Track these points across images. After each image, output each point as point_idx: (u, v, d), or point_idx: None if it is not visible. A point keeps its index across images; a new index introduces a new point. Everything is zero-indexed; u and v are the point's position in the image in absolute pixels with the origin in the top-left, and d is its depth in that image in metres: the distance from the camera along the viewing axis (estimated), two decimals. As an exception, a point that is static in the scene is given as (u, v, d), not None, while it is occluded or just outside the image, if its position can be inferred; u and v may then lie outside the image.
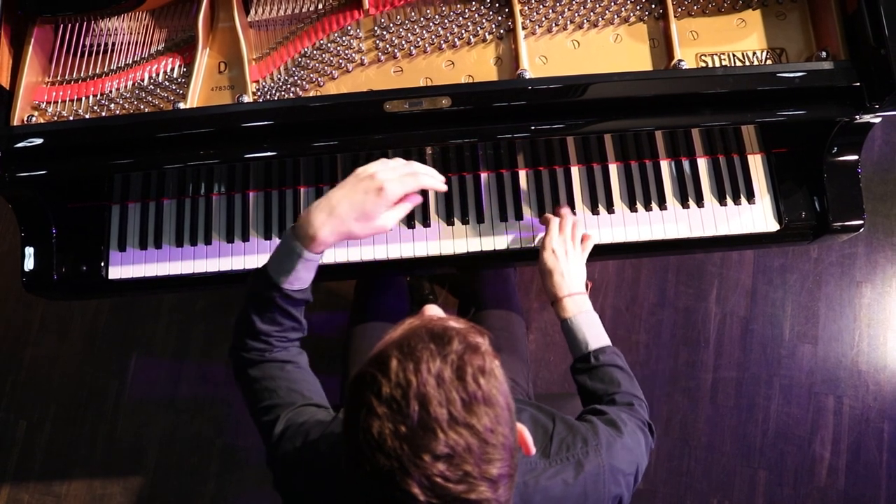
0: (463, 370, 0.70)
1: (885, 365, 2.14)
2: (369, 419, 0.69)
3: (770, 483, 2.06)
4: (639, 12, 1.34)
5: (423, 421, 0.68)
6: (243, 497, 2.11)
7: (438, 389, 0.69)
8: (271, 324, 1.06)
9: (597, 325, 1.23)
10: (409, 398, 0.69)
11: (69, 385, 2.22)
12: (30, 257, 1.36)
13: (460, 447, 0.68)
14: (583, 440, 0.97)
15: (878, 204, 2.25)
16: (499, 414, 0.71)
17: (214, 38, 1.36)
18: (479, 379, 0.70)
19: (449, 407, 0.68)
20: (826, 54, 1.27)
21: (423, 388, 0.69)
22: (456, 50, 1.34)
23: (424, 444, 0.68)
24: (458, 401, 0.69)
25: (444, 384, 0.69)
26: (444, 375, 0.69)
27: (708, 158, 1.40)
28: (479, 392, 0.70)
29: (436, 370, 0.69)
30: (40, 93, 1.33)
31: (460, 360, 0.71)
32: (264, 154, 1.24)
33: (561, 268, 1.25)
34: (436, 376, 0.69)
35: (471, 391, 0.69)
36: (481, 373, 0.71)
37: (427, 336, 0.72)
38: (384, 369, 0.71)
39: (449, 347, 0.71)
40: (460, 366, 0.70)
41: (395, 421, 0.68)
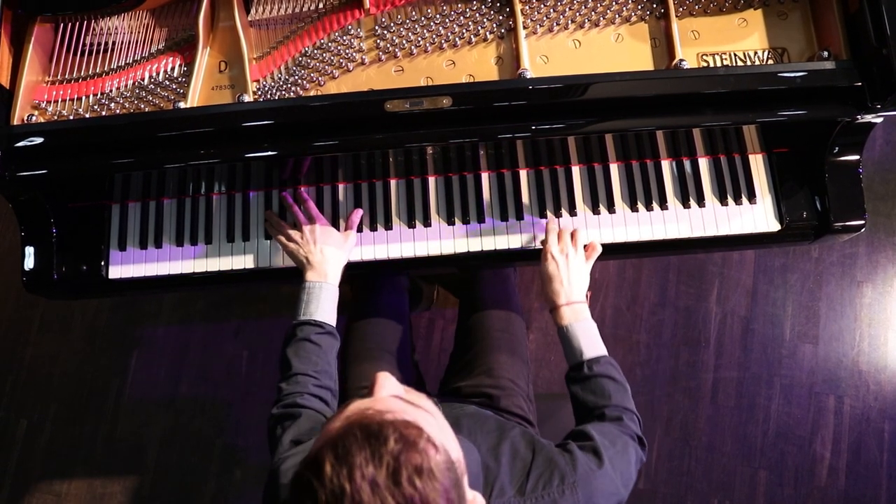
0: (398, 473, 0.67)
1: (885, 365, 2.14)
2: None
3: (770, 483, 2.06)
4: (640, 12, 1.34)
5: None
6: (243, 497, 2.11)
7: (373, 496, 0.66)
8: (306, 363, 1.17)
9: (593, 334, 1.22)
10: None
11: (69, 384, 2.22)
12: (30, 257, 1.36)
13: None
14: (560, 477, 0.96)
15: (880, 204, 2.24)
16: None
17: (215, 38, 1.35)
18: (416, 481, 0.67)
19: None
20: (828, 54, 1.26)
21: (358, 496, 0.66)
22: (457, 49, 1.33)
23: None
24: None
25: (378, 490, 0.66)
26: (379, 481, 0.66)
27: (709, 158, 1.40)
28: (415, 496, 0.67)
29: (370, 476, 0.66)
30: (40, 92, 1.33)
31: (395, 462, 0.67)
32: (265, 154, 1.24)
33: (561, 275, 1.25)
34: (370, 482, 0.66)
35: (407, 495, 0.66)
36: (418, 474, 0.67)
37: (361, 435, 0.69)
38: (319, 474, 0.68)
39: (384, 448, 0.68)
40: (396, 468, 0.67)
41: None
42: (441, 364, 2.08)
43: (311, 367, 1.17)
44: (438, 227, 1.38)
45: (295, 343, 1.20)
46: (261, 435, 2.11)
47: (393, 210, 1.39)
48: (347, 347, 1.47)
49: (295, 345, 1.20)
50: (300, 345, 1.20)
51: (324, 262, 1.27)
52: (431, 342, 2.17)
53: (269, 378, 2.15)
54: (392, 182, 1.40)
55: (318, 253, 1.28)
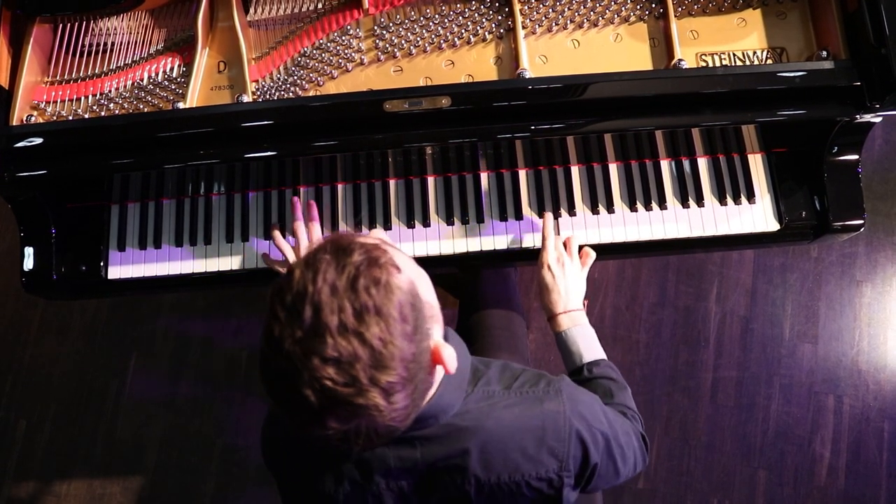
0: (356, 281, 0.73)
1: (885, 364, 2.14)
2: (273, 324, 0.74)
3: (770, 482, 2.06)
4: (639, 12, 1.34)
5: (314, 326, 0.72)
6: (243, 497, 2.11)
7: (331, 297, 0.72)
8: None
9: (591, 338, 1.23)
10: (304, 305, 0.73)
11: (69, 384, 2.22)
12: (29, 257, 1.36)
13: (347, 353, 0.72)
14: (547, 382, 0.99)
15: (879, 203, 2.24)
16: (391, 325, 0.74)
17: (214, 38, 1.35)
18: (371, 289, 0.73)
19: (340, 315, 0.72)
20: (826, 54, 1.27)
21: (318, 297, 0.72)
22: (456, 49, 1.33)
23: (314, 348, 0.72)
24: (350, 309, 0.72)
25: (337, 293, 0.72)
26: (338, 285, 0.73)
27: (708, 158, 1.40)
28: (370, 302, 0.73)
29: (330, 279, 0.73)
30: (39, 92, 1.33)
31: (356, 271, 0.74)
32: (264, 154, 1.24)
33: (559, 286, 1.25)
34: (330, 285, 0.73)
35: (362, 301, 0.73)
36: (375, 284, 0.74)
37: (331, 249, 0.76)
38: (289, 279, 0.75)
39: (347, 259, 0.75)
40: (355, 276, 0.73)
41: (293, 326, 0.73)
42: (440, 364, 2.08)
43: None
44: (437, 228, 1.38)
45: None
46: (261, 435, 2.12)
47: (392, 210, 1.39)
48: None
49: None
50: None
51: None
52: (431, 342, 2.17)
53: (268, 378, 2.15)
54: (391, 182, 1.40)
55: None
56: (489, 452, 0.92)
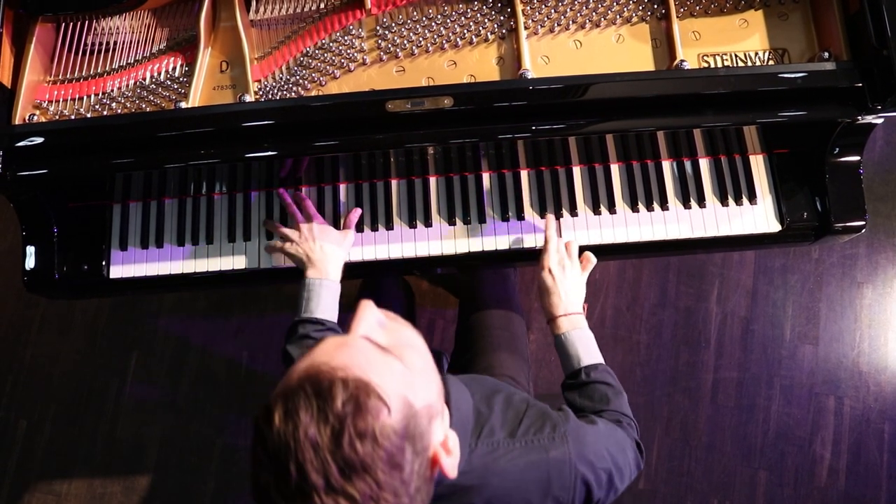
0: (341, 436, 0.67)
1: (885, 366, 2.14)
2: (258, 470, 0.70)
3: (770, 483, 2.06)
4: (641, 12, 1.34)
5: (300, 487, 0.67)
6: (243, 497, 2.11)
7: (315, 456, 0.67)
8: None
9: (590, 342, 1.23)
10: (288, 462, 0.67)
11: (69, 384, 2.22)
12: (31, 256, 1.36)
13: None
14: (552, 426, 0.97)
15: (880, 205, 2.25)
16: (380, 480, 0.68)
17: (216, 38, 1.35)
18: (357, 445, 0.67)
19: (326, 474, 0.67)
20: (828, 55, 1.27)
21: (301, 455, 0.67)
22: (458, 50, 1.34)
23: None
24: (335, 468, 0.67)
25: (320, 451, 0.67)
26: (321, 443, 0.67)
27: (710, 159, 1.40)
28: (355, 459, 0.67)
29: (312, 437, 0.67)
30: (42, 92, 1.33)
31: (340, 424, 0.67)
32: (266, 154, 1.24)
33: (559, 289, 1.25)
34: (312, 444, 0.67)
35: (348, 458, 0.67)
36: (360, 438, 0.68)
37: (311, 391, 0.69)
38: (269, 424, 0.69)
39: (328, 407, 0.68)
40: (339, 431, 0.67)
41: (278, 478, 0.68)
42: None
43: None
44: (439, 227, 1.38)
45: (296, 340, 1.21)
46: (261, 435, 2.12)
47: (394, 210, 1.39)
48: None
49: (297, 342, 1.20)
50: (302, 342, 1.20)
51: (323, 260, 1.28)
52: (432, 342, 2.17)
53: (269, 378, 2.15)
54: (393, 182, 1.40)
55: (317, 250, 1.28)
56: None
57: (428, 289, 2.21)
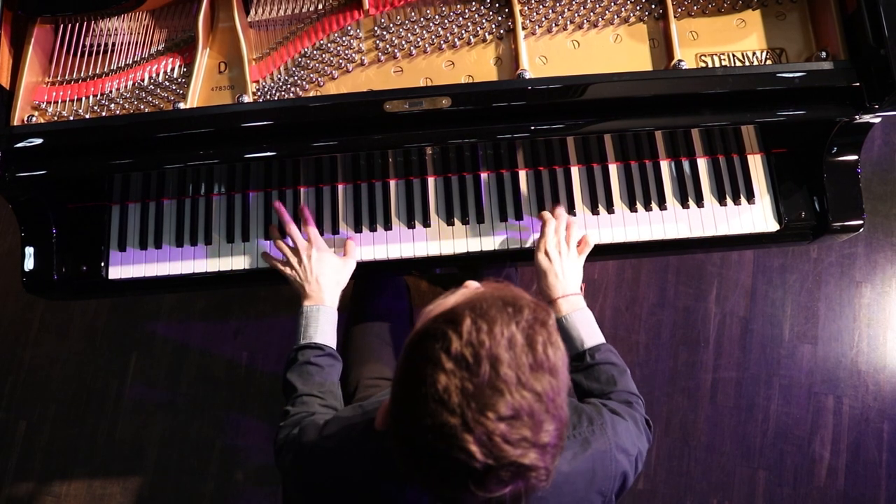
0: (533, 338, 0.72)
1: (884, 365, 2.14)
2: (436, 373, 0.70)
3: (770, 483, 2.06)
4: (639, 12, 1.34)
5: (491, 381, 0.69)
6: (243, 497, 2.11)
7: (510, 352, 0.70)
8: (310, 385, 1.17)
9: (591, 322, 1.23)
10: (480, 357, 0.69)
11: (69, 385, 2.22)
12: (30, 257, 1.36)
13: (524, 410, 0.69)
14: (588, 419, 0.98)
15: (878, 204, 2.25)
16: (559, 385, 0.73)
17: (214, 38, 1.36)
18: (548, 349, 0.72)
19: (518, 370, 0.70)
20: (826, 54, 1.27)
21: (496, 350, 0.70)
22: (456, 50, 1.34)
23: (491, 403, 0.69)
24: (527, 366, 0.70)
25: (515, 348, 0.71)
26: (517, 340, 0.71)
27: (708, 158, 1.40)
28: (546, 361, 0.72)
29: (508, 334, 0.71)
30: (40, 93, 1.33)
31: (531, 329, 0.72)
32: (264, 154, 1.24)
33: (555, 269, 1.25)
34: (508, 339, 0.71)
35: (539, 359, 0.71)
36: (550, 344, 0.73)
37: (500, 301, 0.73)
38: (456, 327, 0.71)
39: (520, 315, 0.73)
40: (530, 334, 0.72)
41: (464, 378, 0.69)
42: (440, 364, 2.08)
43: (317, 388, 1.17)
44: (438, 228, 1.38)
45: (297, 367, 1.21)
46: (260, 436, 2.12)
47: (392, 210, 1.39)
48: (348, 351, 1.48)
49: (297, 369, 1.21)
50: (302, 368, 1.20)
51: (320, 291, 1.28)
52: (431, 342, 2.17)
53: (269, 378, 2.15)
54: (391, 182, 1.40)
55: (313, 282, 1.28)
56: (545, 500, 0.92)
57: (427, 289, 2.21)
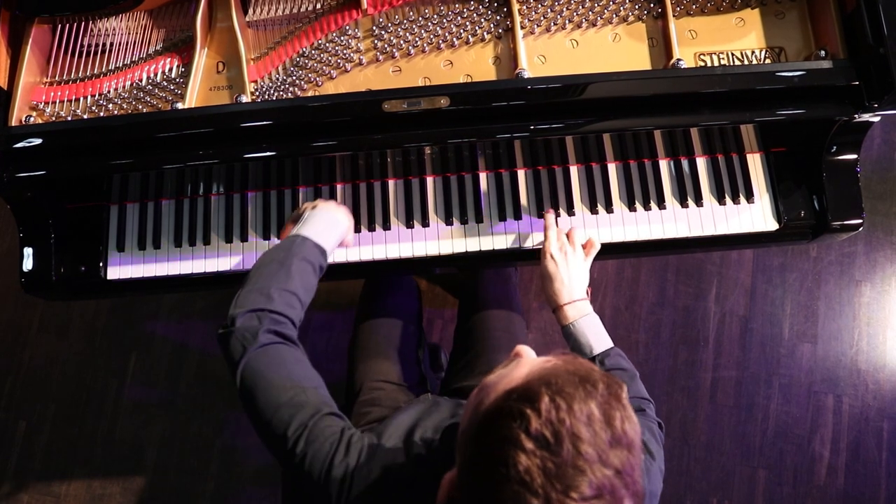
0: (611, 414, 0.71)
1: (884, 364, 2.14)
2: (516, 454, 0.69)
3: (770, 482, 2.06)
4: (637, 11, 1.34)
5: (573, 460, 0.68)
6: (243, 497, 2.11)
7: (589, 429, 0.70)
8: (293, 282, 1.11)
9: (598, 327, 1.23)
10: (561, 436, 0.69)
11: (69, 385, 2.22)
12: (28, 258, 1.36)
13: (605, 489, 0.69)
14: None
15: (878, 203, 2.25)
16: (636, 460, 0.72)
17: (212, 38, 1.35)
18: (626, 424, 0.72)
19: (597, 448, 0.69)
20: (825, 53, 1.27)
21: (576, 428, 0.69)
22: (454, 49, 1.33)
23: (574, 484, 0.68)
24: (606, 442, 0.70)
25: (594, 424, 0.70)
26: (595, 416, 0.70)
27: (707, 158, 1.40)
28: (623, 437, 0.71)
29: (587, 410, 0.70)
30: (38, 93, 1.33)
31: (607, 404, 0.72)
32: (263, 154, 1.24)
33: (561, 274, 1.25)
34: (587, 416, 0.70)
35: (618, 434, 0.71)
36: (627, 418, 0.72)
37: (576, 377, 0.73)
38: (534, 405, 0.70)
39: (596, 390, 0.72)
40: (607, 409, 0.71)
41: (545, 458, 0.68)
42: (440, 364, 2.08)
43: (306, 294, 1.14)
44: (437, 228, 1.38)
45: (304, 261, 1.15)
46: (260, 435, 2.12)
47: (391, 210, 1.39)
48: (355, 348, 1.48)
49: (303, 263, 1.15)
50: (300, 265, 1.14)
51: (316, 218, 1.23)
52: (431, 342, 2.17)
53: (268, 378, 2.15)
54: (390, 182, 1.40)
55: (309, 214, 1.24)
56: None
57: (426, 288, 2.21)
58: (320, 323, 2.17)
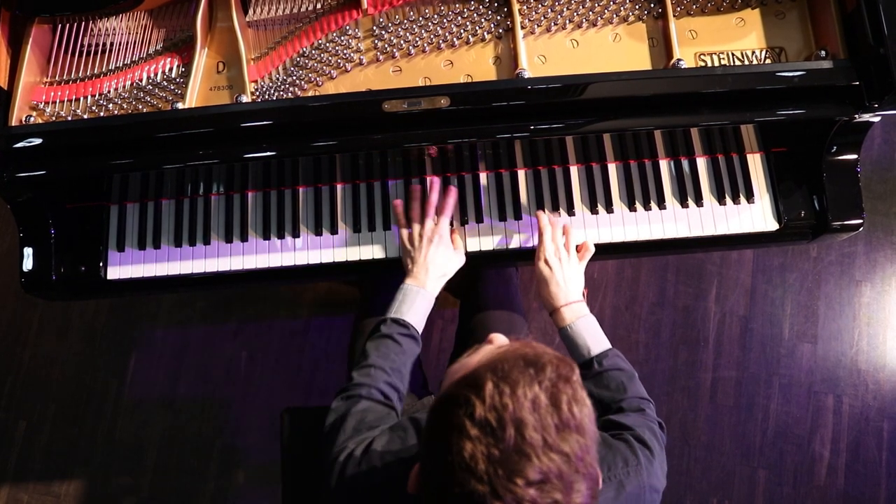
0: (557, 397, 0.70)
1: (884, 364, 2.14)
2: (461, 441, 0.69)
3: (770, 482, 2.06)
4: (638, 11, 1.34)
5: (517, 445, 0.68)
6: (243, 497, 2.11)
7: (534, 414, 0.69)
8: (384, 359, 1.16)
9: (595, 328, 1.23)
10: (504, 422, 0.68)
11: (68, 385, 2.22)
12: (28, 258, 1.36)
13: (553, 473, 0.68)
14: (623, 460, 0.98)
15: (878, 203, 2.25)
16: (588, 444, 0.71)
17: (213, 38, 1.35)
18: (574, 407, 0.71)
19: (543, 433, 0.69)
20: (825, 53, 1.27)
21: (519, 413, 0.69)
22: (455, 49, 1.33)
23: (518, 469, 0.68)
24: (553, 427, 0.69)
25: (539, 409, 0.69)
26: (540, 401, 0.70)
27: (707, 158, 1.40)
28: (572, 420, 0.70)
29: (531, 395, 0.70)
30: (38, 93, 1.33)
31: (554, 388, 0.71)
32: (263, 154, 1.24)
33: (556, 277, 1.25)
34: (531, 401, 0.69)
35: (565, 418, 0.70)
36: (575, 401, 0.71)
37: (522, 361, 0.72)
38: (478, 391, 0.70)
39: (543, 374, 0.71)
40: (554, 393, 0.71)
41: (489, 444, 0.68)
42: (440, 365, 2.08)
43: (388, 363, 1.16)
44: (437, 228, 1.38)
45: (377, 338, 1.19)
46: (260, 436, 2.12)
47: (391, 210, 1.39)
48: (355, 344, 1.48)
49: (377, 340, 1.19)
50: (382, 340, 1.19)
51: (426, 275, 1.27)
52: (431, 342, 2.17)
53: (268, 378, 2.15)
54: (390, 182, 1.40)
55: (422, 265, 1.28)
56: None
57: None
58: (320, 323, 2.17)
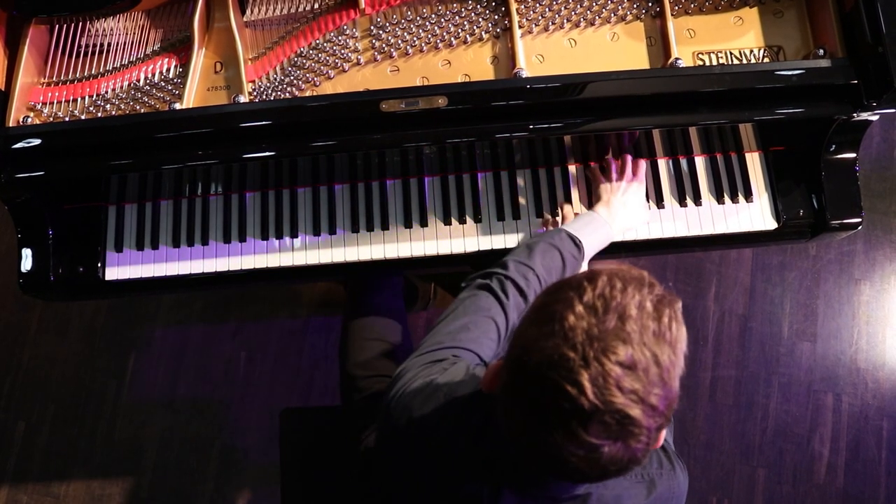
0: (661, 310, 0.74)
1: (883, 362, 2.14)
2: (566, 311, 0.73)
3: (769, 481, 2.06)
4: (636, 10, 1.33)
5: (616, 330, 0.71)
6: (242, 497, 2.11)
7: (638, 312, 0.73)
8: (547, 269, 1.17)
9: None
10: (609, 308, 0.72)
11: (68, 385, 2.22)
12: (26, 258, 1.36)
13: (640, 364, 0.71)
14: (658, 462, 0.99)
15: (877, 201, 2.24)
16: (675, 362, 0.74)
17: (210, 38, 1.35)
18: (673, 323, 0.74)
19: (642, 330, 0.72)
20: (823, 52, 1.26)
21: (625, 306, 0.72)
22: (452, 49, 1.33)
23: (612, 347, 0.71)
24: (651, 331, 0.72)
25: (643, 311, 0.73)
26: (646, 306, 0.73)
27: (705, 157, 1.40)
28: (668, 333, 0.73)
29: (639, 298, 0.73)
30: (36, 94, 1.33)
31: (660, 303, 0.74)
32: (261, 154, 1.24)
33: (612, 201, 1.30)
34: (638, 303, 0.73)
35: (663, 329, 0.73)
36: (675, 320, 0.75)
37: (637, 277, 0.76)
38: (592, 281, 0.75)
39: (653, 289, 0.75)
40: (659, 307, 0.74)
41: (591, 323, 0.72)
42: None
43: (547, 276, 1.18)
44: (435, 228, 1.38)
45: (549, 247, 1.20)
46: (260, 435, 2.12)
47: (390, 210, 1.39)
48: (346, 345, 1.48)
49: (547, 246, 1.20)
50: (552, 252, 1.19)
51: (622, 207, 1.30)
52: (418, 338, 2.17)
53: (267, 379, 2.15)
54: (388, 182, 1.40)
55: (618, 202, 1.30)
56: None
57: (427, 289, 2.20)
58: (319, 323, 2.17)
